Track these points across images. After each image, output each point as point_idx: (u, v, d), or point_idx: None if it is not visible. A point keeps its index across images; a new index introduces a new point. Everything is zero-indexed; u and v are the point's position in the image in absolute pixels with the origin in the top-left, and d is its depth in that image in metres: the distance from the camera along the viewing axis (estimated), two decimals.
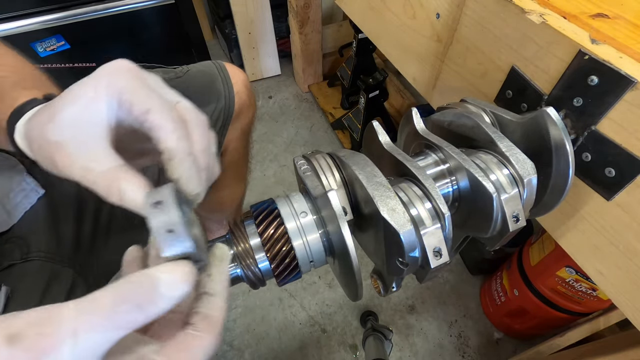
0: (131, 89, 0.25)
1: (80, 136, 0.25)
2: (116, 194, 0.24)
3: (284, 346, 1.12)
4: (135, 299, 0.18)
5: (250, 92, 0.74)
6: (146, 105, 0.25)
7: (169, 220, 0.21)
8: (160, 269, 0.20)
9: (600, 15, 0.37)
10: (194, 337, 0.21)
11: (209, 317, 0.22)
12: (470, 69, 0.49)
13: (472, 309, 1.19)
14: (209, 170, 0.28)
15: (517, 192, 0.32)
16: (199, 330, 0.22)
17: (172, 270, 0.20)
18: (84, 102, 0.25)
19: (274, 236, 0.29)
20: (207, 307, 0.23)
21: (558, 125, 0.33)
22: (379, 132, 0.36)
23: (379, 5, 0.66)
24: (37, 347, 0.16)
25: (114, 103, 0.25)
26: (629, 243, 0.36)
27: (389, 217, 0.27)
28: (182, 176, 0.24)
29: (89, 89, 0.25)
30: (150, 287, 0.19)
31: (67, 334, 0.17)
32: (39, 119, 0.27)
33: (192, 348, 0.21)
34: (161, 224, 0.21)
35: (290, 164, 1.55)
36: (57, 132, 0.25)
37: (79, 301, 0.18)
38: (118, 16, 1.29)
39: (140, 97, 0.25)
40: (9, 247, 0.49)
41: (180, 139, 0.25)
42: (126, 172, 0.24)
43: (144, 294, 0.18)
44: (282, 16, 1.77)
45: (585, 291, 0.83)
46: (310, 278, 1.24)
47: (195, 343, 0.21)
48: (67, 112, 0.25)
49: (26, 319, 0.17)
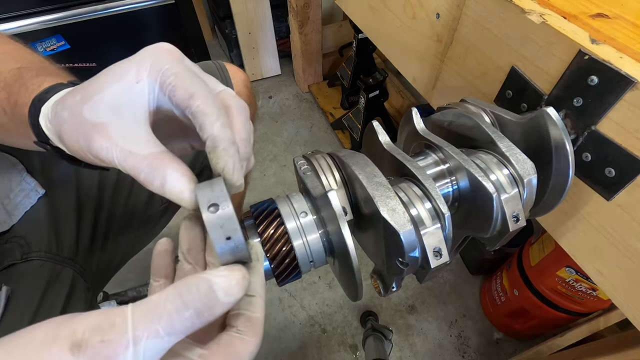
0: (175, 72, 0.24)
1: (121, 118, 0.24)
2: (159, 181, 0.23)
3: (284, 346, 1.12)
4: (195, 305, 0.18)
5: (251, 92, 0.74)
6: (190, 90, 0.24)
7: (229, 228, 0.21)
8: (217, 274, 0.19)
9: (600, 15, 0.37)
10: (239, 340, 0.21)
11: (252, 318, 0.22)
12: (470, 69, 0.49)
13: (472, 309, 1.19)
14: (248, 160, 0.27)
15: (517, 192, 0.32)
16: (242, 333, 0.21)
17: (228, 275, 0.19)
18: (126, 83, 0.24)
19: (274, 236, 0.29)
20: (249, 308, 0.22)
21: (558, 125, 0.33)
22: (379, 132, 0.36)
23: (379, 5, 0.66)
24: (101, 355, 0.16)
25: (156, 86, 0.24)
26: (629, 243, 0.36)
27: (389, 217, 0.27)
28: (227, 165, 0.23)
29: (131, 69, 0.24)
30: (209, 293, 0.19)
31: (130, 341, 0.16)
32: (72, 100, 0.25)
33: (237, 351, 0.21)
34: (220, 230, 0.21)
35: (290, 164, 1.55)
36: (95, 113, 0.24)
37: (138, 305, 0.18)
38: (118, 16, 1.29)
39: (185, 81, 0.24)
40: (9, 247, 0.49)
41: (224, 126, 0.24)
42: (170, 159, 0.23)
43: (203, 300, 0.18)
44: (282, 16, 1.77)
45: (585, 291, 0.83)
46: (310, 278, 1.24)
47: (241, 346, 0.21)
48: (108, 92, 0.24)
49: (87, 324, 0.17)
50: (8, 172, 0.51)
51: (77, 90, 0.26)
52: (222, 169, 0.23)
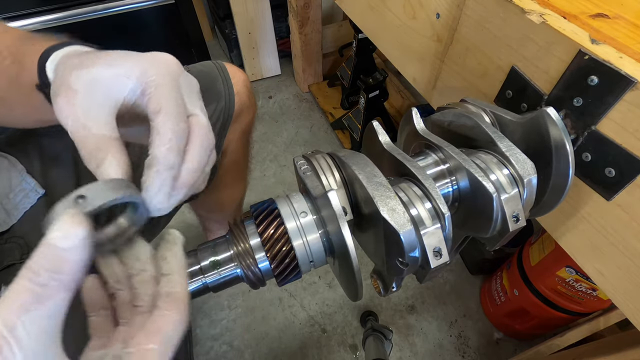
0: (158, 84, 0.26)
1: (93, 94, 0.25)
2: (95, 162, 0.24)
3: (284, 346, 1.12)
4: (42, 265, 0.18)
5: (251, 92, 0.74)
6: (159, 106, 0.25)
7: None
8: (51, 230, 0.19)
9: (600, 15, 0.37)
10: (160, 317, 0.22)
11: (171, 294, 0.23)
12: (470, 69, 0.49)
13: (472, 309, 1.19)
14: (193, 187, 0.27)
15: (517, 192, 0.32)
16: (163, 309, 0.22)
17: (58, 222, 0.19)
18: (115, 73, 0.26)
19: (274, 236, 0.29)
20: (167, 285, 0.24)
21: (558, 125, 0.33)
22: (379, 132, 0.36)
23: (379, 5, 0.66)
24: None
25: (138, 89, 0.26)
26: (629, 243, 0.36)
27: (389, 217, 0.27)
28: (150, 186, 0.24)
29: (126, 65, 0.26)
30: (47, 248, 0.18)
31: (4, 331, 0.16)
32: (72, 61, 0.28)
33: (159, 327, 0.21)
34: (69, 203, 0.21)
35: (290, 164, 1.55)
36: (76, 80, 0.25)
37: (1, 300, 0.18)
38: (118, 16, 1.29)
39: (160, 95, 0.26)
40: (8, 246, 0.49)
41: (170, 150, 0.25)
42: (116, 148, 0.25)
43: (47, 257, 0.18)
44: (282, 16, 1.77)
45: (585, 291, 0.83)
46: (310, 278, 1.24)
47: (162, 322, 0.22)
48: (96, 69, 0.26)
49: None
50: (7, 172, 0.51)
51: (82, 55, 0.28)
52: (146, 188, 0.24)
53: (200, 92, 0.31)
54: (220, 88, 0.66)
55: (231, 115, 0.69)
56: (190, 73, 0.30)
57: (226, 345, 1.11)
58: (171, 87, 0.26)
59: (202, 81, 0.45)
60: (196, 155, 0.27)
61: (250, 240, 0.30)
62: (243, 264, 0.30)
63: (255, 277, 0.30)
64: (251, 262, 0.29)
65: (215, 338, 1.13)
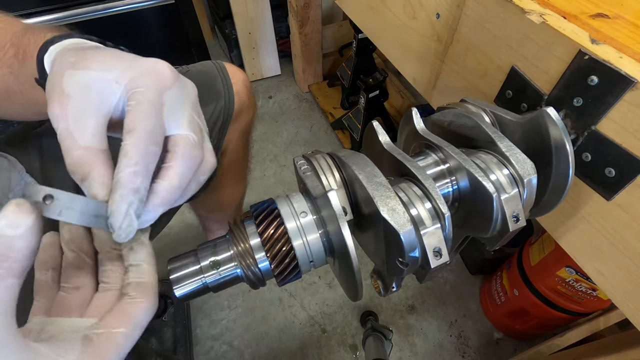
0: (139, 100, 0.25)
1: (84, 101, 0.25)
2: (79, 176, 0.24)
3: (284, 346, 1.12)
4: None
5: (250, 92, 0.74)
6: (133, 126, 0.24)
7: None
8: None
9: (600, 15, 0.37)
10: (129, 304, 0.23)
11: (140, 283, 0.24)
12: (470, 69, 0.49)
13: (472, 309, 1.19)
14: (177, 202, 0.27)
15: (517, 192, 0.32)
16: (132, 297, 0.23)
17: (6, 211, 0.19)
18: (106, 77, 0.25)
19: (274, 236, 0.29)
20: (135, 275, 0.24)
21: (558, 125, 0.33)
22: (379, 132, 0.36)
23: (379, 5, 0.66)
24: None
25: (125, 97, 0.26)
26: (629, 243, 0.36)
27: (389, 217, 0.27)
28: (115, 211, 0.23)
29: (118, 68, 0.26)
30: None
31: None
32: (68, 58, 0.27)
33: (128, 314, 0.22)
34: None
35: (290, 164, 1.55)
36: (69, 82, 0.25)
37: None
38: (118, 16, 1.29)
39: (137, 113, 0.25)
40: None
41: (136, 174, 0.24)
42: (102, 162, 0.24)
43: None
44: (282, 16, 1.77)
45: (585, 291, 0.83)
46: (310, 278, 1.24)
47: (131, 308, 0.22)
48: (90, 73, 0.25)
49: None
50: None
51: (80, 52, 0.27)
52: (110, 212, 0.23)
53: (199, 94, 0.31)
54: (219, 88, 0.66)
55: (231, 114, 0.69)
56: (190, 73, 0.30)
57: (226, 345, 1.11)
58: (151, 105, 0.25)
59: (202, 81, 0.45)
60: (177, 174, 0.26)
61: (250, 240, 0.30)
62: (243, 264, 0.30)
63: (255, 277, 0.30)
64: (251, 262, 0.29)
65: (215, 338, 1.13)
